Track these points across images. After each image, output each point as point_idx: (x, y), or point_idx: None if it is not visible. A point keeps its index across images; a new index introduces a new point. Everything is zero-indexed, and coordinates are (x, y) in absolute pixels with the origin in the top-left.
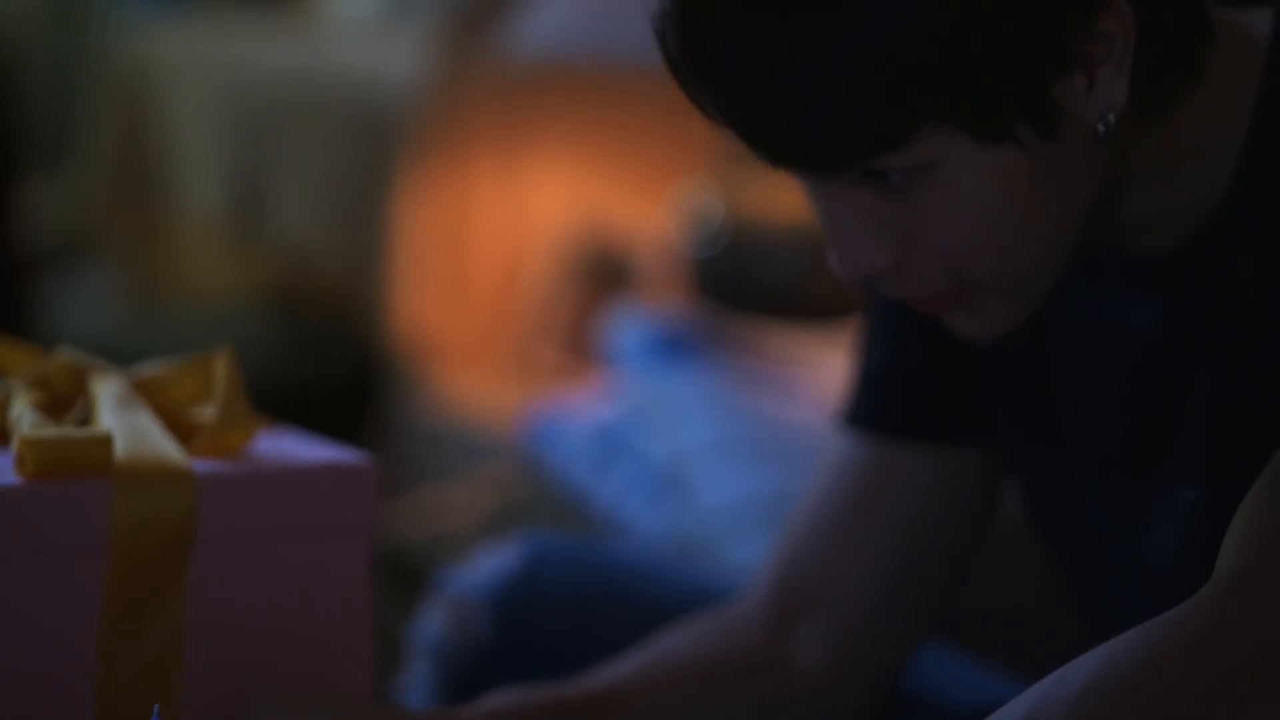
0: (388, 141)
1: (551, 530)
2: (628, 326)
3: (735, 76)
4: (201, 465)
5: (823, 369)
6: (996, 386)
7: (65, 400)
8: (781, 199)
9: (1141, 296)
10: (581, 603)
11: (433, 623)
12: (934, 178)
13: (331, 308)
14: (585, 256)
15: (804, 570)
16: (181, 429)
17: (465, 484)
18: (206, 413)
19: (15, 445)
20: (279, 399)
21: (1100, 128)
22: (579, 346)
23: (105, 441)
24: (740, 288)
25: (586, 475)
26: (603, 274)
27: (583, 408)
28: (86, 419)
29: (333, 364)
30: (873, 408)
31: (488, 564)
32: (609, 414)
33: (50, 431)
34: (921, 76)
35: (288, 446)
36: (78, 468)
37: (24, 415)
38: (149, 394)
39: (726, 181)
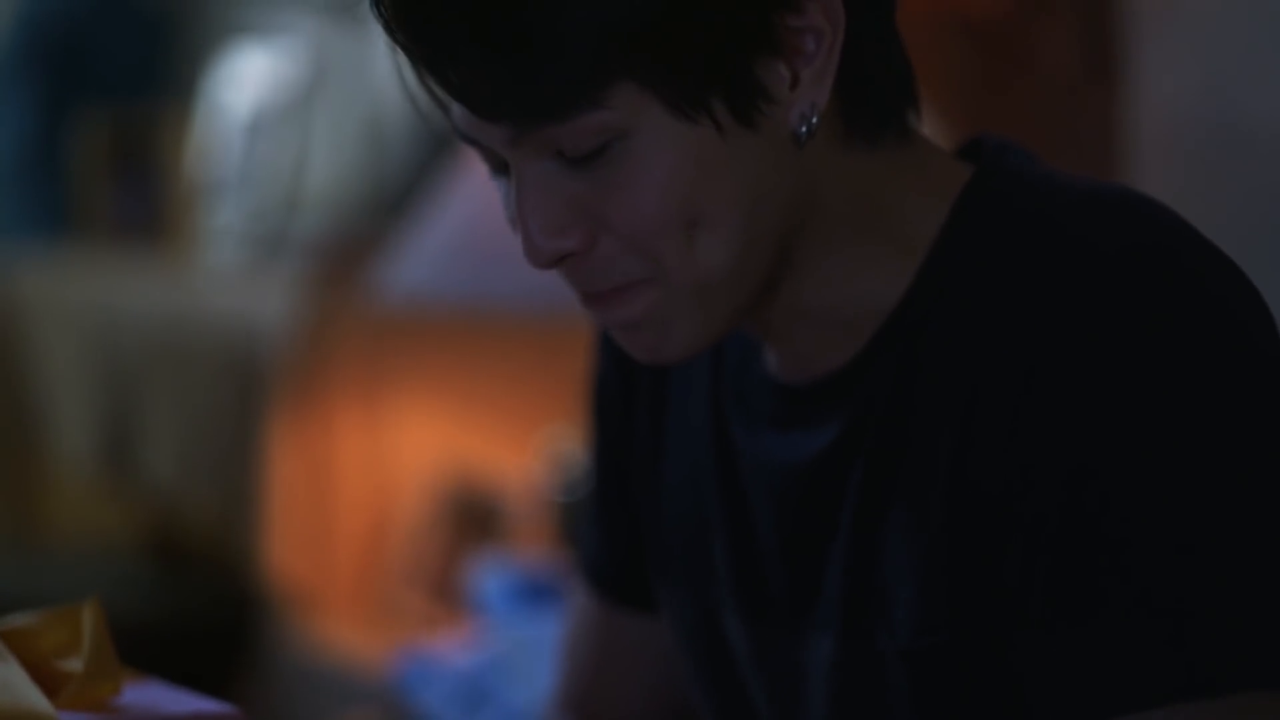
0: (257, 386)
1: None
2: (492, 574)
3: (438, 18)
4: (69, 717)
5: None
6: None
7: None
8: None
9: (801, 430)
10: None
11: None
12: (624, 151)
13: (203, 552)
14: (452, 502)
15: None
16: (49, 681)
17: None
18: (74, 665)
19: None
20: (150, 643)
21: (801, 128)
22: (446, 592)
23: None
24: None
25: None
26: (470, 520)
27: (450, 654)
28: None
29: (205, 609)
30: (591, 562)
31: None
32: (474, 661)
33: None
34: (623, 31)
35: (155, 698)
36: None
37: None
38: (16, 645)
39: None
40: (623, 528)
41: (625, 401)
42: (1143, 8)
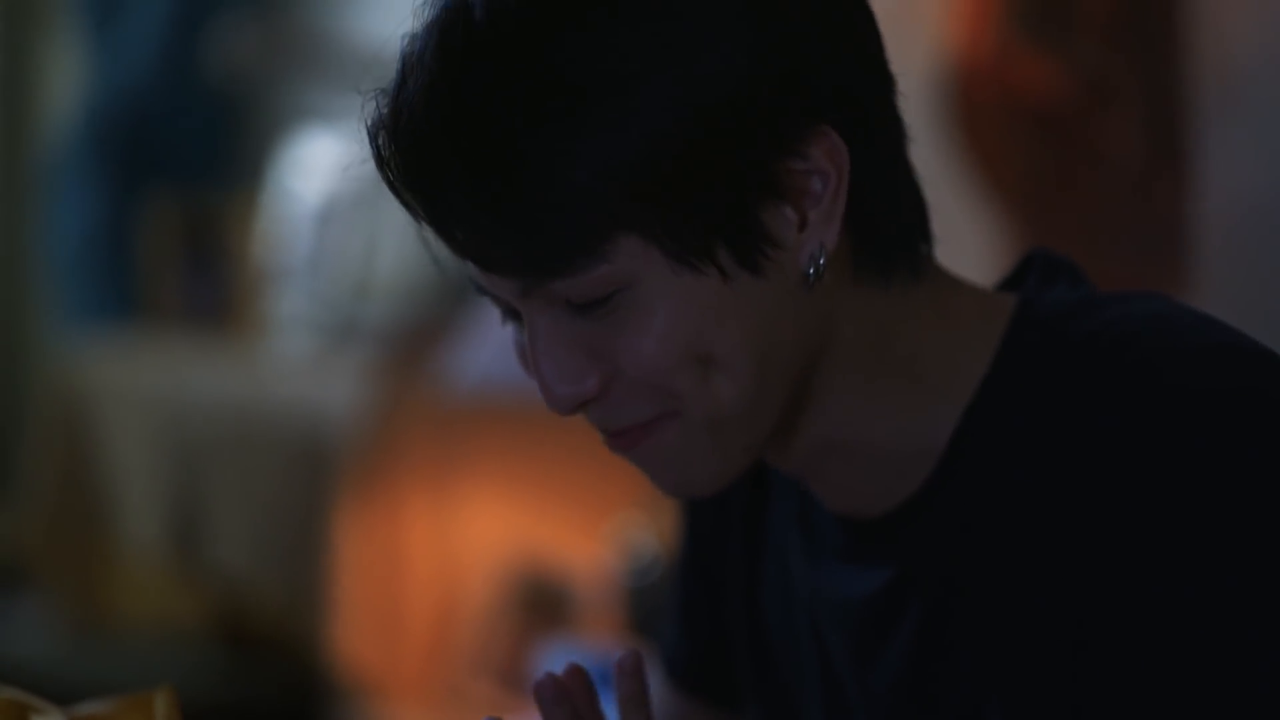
0: (325, 473)
1: None
2: (561, 660)
3: (442, 180)
4: None
5: None
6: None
7: None
8: None
9: (857, 565)
10: None
11: None
12: (630, 298)
13: (272, 639)
14: (521, 589)
15: None
16: None
17: None
18: None
19: None
20: None
21: (810, 270)
22: (515, 679)
23: None
24: None
25: None
26: (539, 607)
27: None
28: None
29: (273, 695)
30: (670, 655)
31: None
32: None
33: None
34: (622, 187)
35: None
36: None
37: None
38: None
39: (660, 514)
40: (704, 623)
41: (718, 503)
42: (1208, 99)
